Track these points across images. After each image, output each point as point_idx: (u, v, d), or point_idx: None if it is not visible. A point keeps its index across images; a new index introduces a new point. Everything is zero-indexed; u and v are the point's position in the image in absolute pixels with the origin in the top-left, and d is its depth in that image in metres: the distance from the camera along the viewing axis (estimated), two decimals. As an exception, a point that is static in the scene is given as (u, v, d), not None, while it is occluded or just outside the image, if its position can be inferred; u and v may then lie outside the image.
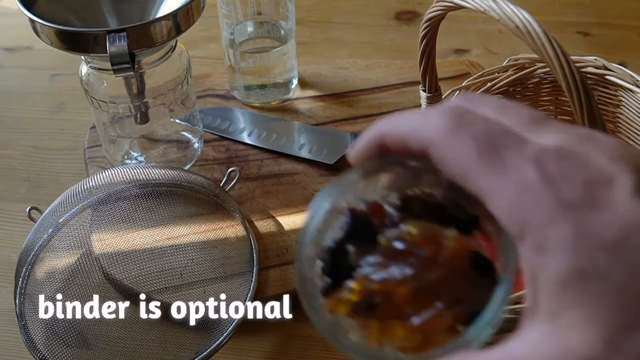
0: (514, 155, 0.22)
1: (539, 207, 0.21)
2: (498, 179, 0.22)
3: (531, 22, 0.39)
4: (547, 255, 0.21)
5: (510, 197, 0.21)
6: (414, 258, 0.24)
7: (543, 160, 0.21)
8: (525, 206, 0.21)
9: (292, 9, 0.77)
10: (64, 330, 0.58)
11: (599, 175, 0.21)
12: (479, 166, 0.22)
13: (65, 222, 0.63)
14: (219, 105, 0.82)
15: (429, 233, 0.24)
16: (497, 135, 0.22)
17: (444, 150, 0.23)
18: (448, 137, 0.23)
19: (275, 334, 0.61)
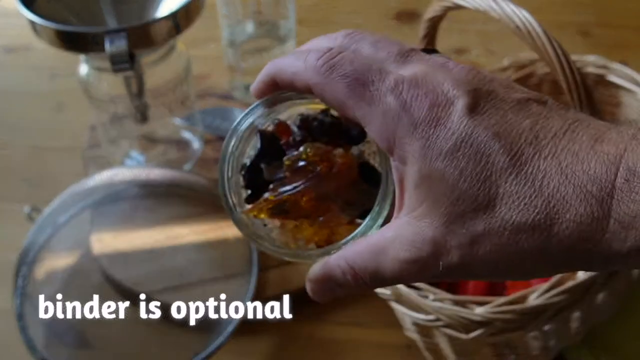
0: (377, 87, 0.27)
1: (399, 128, 0.26)
2: (368, 108, 0.27)
3: (531, 22, 0.39)
4: (406, 164, 0.26)
5: (378, 122, 0.27)
6: (312, 173, 0.30)
7: (399, 89, 0.26)
8: (389, 128, 0.26)
9: (292, 9, 0.77)
10: (63, 331, 0.58)
11: (442, 99, 0.26)
12: (351, 100, 0.27)
13: (65, 222, 0.63)
14: (219, 105, 0.82)
15: (322, 153, 0.30)
16: (363, 71, 0.27)
17: (322, 89, 0.28)
18: (322, 78, 0.28)
19: (275, 334, 0.61)
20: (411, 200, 0.27)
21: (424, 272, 0.26)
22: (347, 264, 0.28)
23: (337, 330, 0.61)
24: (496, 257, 0.25)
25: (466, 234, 0.25)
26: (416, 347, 0.56)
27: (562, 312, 0.45)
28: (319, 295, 0.30)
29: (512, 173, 0.24)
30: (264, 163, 0.31)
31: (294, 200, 0.30)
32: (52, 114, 0.86)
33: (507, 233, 0.24)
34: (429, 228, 0.26)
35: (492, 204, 0.24)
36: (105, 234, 0.65)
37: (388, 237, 0.27)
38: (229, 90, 0.84)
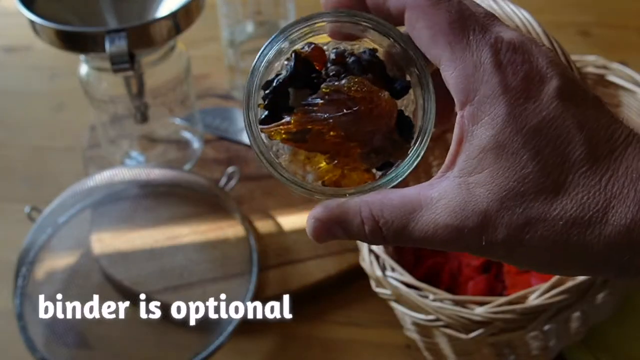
0: (476, 37, 0.26)
1: (485, 84, 0.25)
2: (458, 51, 0.26)
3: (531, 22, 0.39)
4: (478, 125, 0.25)
5: (464, 70, 0.25)
6: (348, 110, 0.28)
7: (498, 48, 0.25)
8: (474, 82, 0.25)
9: (292, 8, 0.77)
10: (63, 331, 0.58)
11: (537, 72, 0.25)
12: (445, 36, 0.26)
13: (65, 222, 0.63)
14: (219, 105, 0.82)
15: (367, 91, 0.28)
16: (468, 16, 0.26)
17: (421, 14, 0.26)
18: (428, 4, 0.26)
19: (275, 334, 0.61)
20: (470, 163, 0.25)
21: (460, 242, 0.25)
22: (371, 213, 0.27)
23: (337, 330, 0.61)
24: (542, 245, 0.24)
25: (521, 214, 0.24)
26: (416, 347, 0.56)
27: (562, 312, 0.45)
28: (319, 234, 0.28)
29: (584, 166, 0.24)
30: (292, 87, 0.29)
31: (318, 131, 0.28)
32: (52, 114, 0.86)
33: (562, 223, 0.24)
34: (484, 198, 0.25)
35: (557, 191, 0.24)
36: (105, 234, 0.65)
37: (429, 196, 0.26)
38: (229, 90, 0.84)
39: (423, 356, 0.57)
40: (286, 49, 0.29)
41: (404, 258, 0.57)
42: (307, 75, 0.29)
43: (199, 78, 0.85)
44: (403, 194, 0.27)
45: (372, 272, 0.51)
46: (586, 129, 0.25)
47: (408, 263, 0.56)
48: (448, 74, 0.26)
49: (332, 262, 0.63)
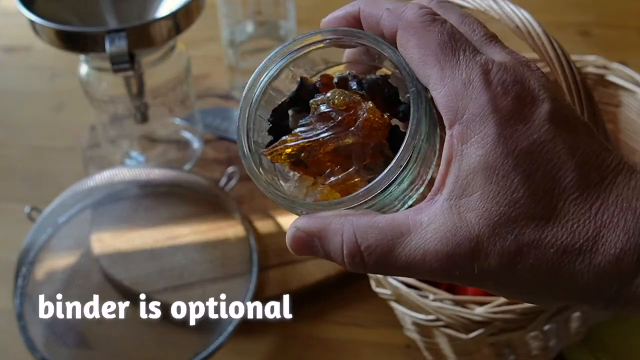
0: (467, 58, 0.25)
1: (475, 103, 0.24)
2: (449, 71, 0.25)
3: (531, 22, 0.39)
4: (467, 144, 0.25)
5: (453, 88, 0.25)
6: (335, 123, 0.27)
7: (488, 68, 0.25)
8: (463, 100, 0.25)
9: (292, 9, 0.77)
10: (63, 331, 0.58)
11: (529, 94, 0.25)
12: (435, 56, 0.26)
13: (65, 222, 0.63)
14: (219, 105, 0.82)
15: (350, 101, 0.28)
16: (459, 39, 0.26)
17: (412, 35, 0.26)
18: (420, 25, 0.26)
19: (275, 334, 0.61)
20: (459, 184, 0.25)
21: (451, 270, 0.25)
22: (354, 234, 0.26)
23: (337, 330, 0.61)
24: (533, 273, 0.24)
25: (513, 241, 0.24)
26: (416, 347, 0.56)
27: (562, 312, 0.45)
28: (298, 245, 0.27)
29: (575, 192, 0.24)
30: (292, 110, 0.29)
31: (311, 149, 0.28)
32: (52, 114, 0.86)
33: (553, 251, 0.24)
34: (474, 224, 0.24)
35: (548, 217, 0.24)
36: (105, 234, 0.65)
37: (418, 220, 0.25)
38: (229, 90, 0.84)
39: (423, 356, 0.57)
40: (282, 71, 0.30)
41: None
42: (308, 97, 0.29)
43: (199, 78, 0.85)
44: (391, 217, 0.26)
45: (372, 272, 0.51)
46: (578, 154, 0.24)
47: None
48: (437, 93, 0.26)
49: (332, 262, 0.63)
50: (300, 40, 0.29)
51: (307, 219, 0.27)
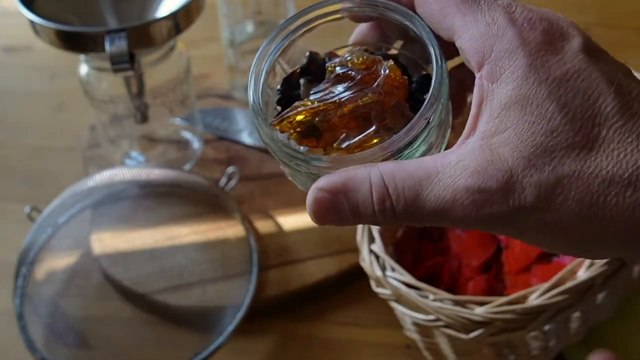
0: (488, 2, 0.25)
1: (502, 40, 0.24)
2: (471, 17, 0.25)
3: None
4: (497, 82, 0.24)
5: (477, 30, 0.24)
6: (354, 82, 0.26)
7: (512, 9, 0.24)
8: (488, 39, 0.24)
9: (292, 8, 0.77)
10: (63, 331, 0.58)
11: (558, 29, 0.24)
12: (456, 6, 0.25)
13: (65, 222, 0.63)
14: (219, 105, 0.82)
15: (369, 60, 0.27)
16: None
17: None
18: None
19: (275, 334, 0.61)
20: (491, 124, 0.23)
21: (483, 208, 0.23)
22: (382, 178, 0.24)
23: (337, 330, 0.61)
24: (577, 209, 0.22)
25: (552, 172, 0.22)
26: (416, 347, 0.56)
27: (562, 312, 0.45)
28: (323, 210, 0.25)
29: (618, 121, 0.22)
30: (304, 79, 0.28)
31: (326, 112, 0.26)
32: (52, 114, 0.86)
33: (598, 182, 0.22)
34: (508, 157, 0.22)
35: (590, 146, 0.22)
36: (105, 234, 0.65)
37: (447, 161, 0.23)
38: (229, 90, 0.84)
39: (423, 356, 0.57)
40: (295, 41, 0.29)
41: (404, 258, 0.57)
42: (319, 72, 0.28)
43: (199, 78, 0.85)
44: (419, 161, 0.24)
45: (372, 272, 0.51)
46: (616, 84, 0.23)
47: (408, 263, 0.56)
48: (461, 40, 0.25)
49: (332, 262, 0.63)
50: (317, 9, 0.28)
51: (328, 177, 0.25)
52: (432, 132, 0.25)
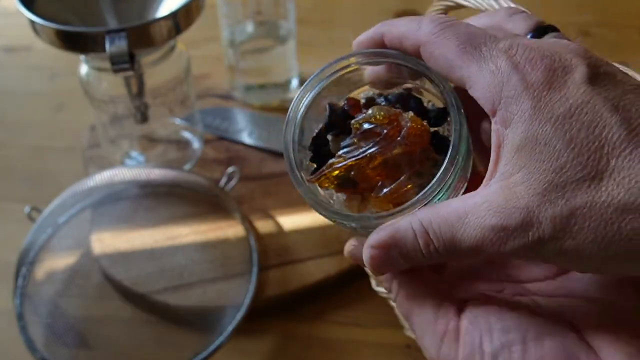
0: (489, 49, 0.26)
1: (507, 87, 0.25)
2: (476, 67, 0.26)
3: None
4: (509, 126, 0.25)
5: (485, 81, 0.26)
6: (380, 137, 0.29)
7: (513, 52, 0.26)
8: (496, 87, 0.25)
9: (292, 8, 0.77)
10: (63, 330, 0.58)
11: (560, 64, 0.25)
12: (460, 58, 0.27)
13: (65, 222, 0.63)
14: (219, 105, 0.82)
15: (391, 115, 0.29)
16: (476, 34, 0.27)
17: (433, 48, 0.28)
18: (436, 37, 0.27)
19: (275, 334, 0.61)
20: (508, 166, 0.25)
21: (508, 242, 0.24)
22: (422, 225, 0.26)
23: (337, 330, 0.61)
24: (592, 236, 0.23)
25: (565, 205, 0.23)
26: (416, 347, 0.56)
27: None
28: (379, 263, 0.28)
29: (626, 148, 0.23)
30: (331, 135, 0.30)
31: (359, 166, 0.29)
32: (52, 114, 0.86)
33: (612, 210, 0.23)
34: (524, 195, 0.24)
35: (600, 177, 0.23)
36: (105, 234, 0.65)
37: (473, 203, 0.25)
38: (229, 90, 0.84)
39: (423, 356, 0.56)
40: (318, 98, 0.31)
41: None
42: (343, 123, 0.30)
43: (199, 78, 0.85)
44: (449, 204, 0.26)
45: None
46: (621, 111, 0.23)
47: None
48: (473, 90, 0.26)
49: (332, 262, 0.63)
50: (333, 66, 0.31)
51: (375, 234, 0.28)
52: (456, 178, 0.28)
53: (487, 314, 0.27)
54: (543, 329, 0.26)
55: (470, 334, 0.27)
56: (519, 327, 0.26)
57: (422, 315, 0.28)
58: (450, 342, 0.27)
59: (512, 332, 0.26)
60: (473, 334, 0.27)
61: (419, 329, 0.28)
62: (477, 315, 0.27)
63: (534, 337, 0.26)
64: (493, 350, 0.26)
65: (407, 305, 0.29)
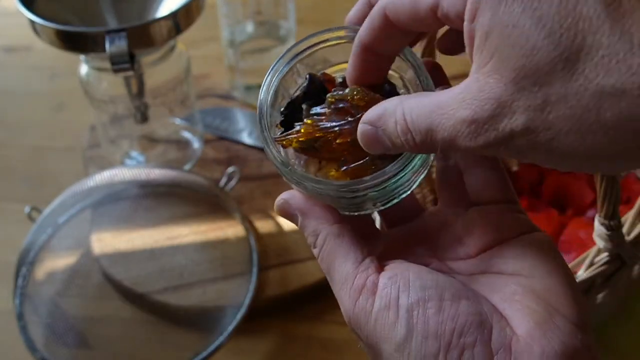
0: None
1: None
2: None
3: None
4: (477, 16, 0.23)
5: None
6: (352, 118, 0.29)
7: None
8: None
9: (292, 9, 0.77)
10: (63, 330, 0.58)
11: None
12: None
13: (65, 222, 0.63)
14: (219, 105, 0.82)
15: (369, 99, 0.29)
16: None
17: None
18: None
19: (275, 334, 0.61)
20: (481, 56, 0.23)
21: (479, 136, 0.23)
22: (402, 113, 0.26)
23: (337, 330, 0.61)
24: (569, 125, 0.21)
25: (538, 92, 0.21)
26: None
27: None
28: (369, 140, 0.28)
29: (605, 22, 0.20)
30: (306, 104, 0.31)
31: (326, 139, 0.29)
32: (52, 114, 0.86)
33: (589, 95, 0.20)
34: (496, 85, 0.22)
35: (575, 57, 0.21)
36: (105, 234, 0.65)
37: (452, 94, 0.24)
38: (229, 90, 0.84)
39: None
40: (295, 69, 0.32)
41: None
42: (318, 94, 0.31)
43: (199, 78, 0.85)
44: (433, 94, 0.26)
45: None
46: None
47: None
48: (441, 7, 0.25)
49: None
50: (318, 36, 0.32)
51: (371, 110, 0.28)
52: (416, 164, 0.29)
53: (407, 272, 0.27)
54: (460, 293, 0.27)
55: (387, 288, 0.27)
56: (436, 286, 0.27)
57: (343, 268, 0.28)
58: (367, 294, 0.27)
59: (429, 290, 0.26)
60: (390, 288, 0.27)
61: (338, 282, 0.28)
62: (397, 273, 0.27)
63: (451, 297, 0.26)
64: (409, 304, 0.26)
65: (330, 259, 0.29)
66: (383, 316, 0.26)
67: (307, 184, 0.29)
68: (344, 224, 0.30)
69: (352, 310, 0.28)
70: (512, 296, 0.27)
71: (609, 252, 0.44)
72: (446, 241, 0.31)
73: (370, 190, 0.29)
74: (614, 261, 0.44)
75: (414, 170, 0.29)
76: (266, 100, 0.31)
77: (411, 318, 0.26)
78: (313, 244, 0.30)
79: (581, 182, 0.62)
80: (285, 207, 0.31)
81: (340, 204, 0.30)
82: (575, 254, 0.56)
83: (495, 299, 0.27)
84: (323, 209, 0.30)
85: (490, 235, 0.30)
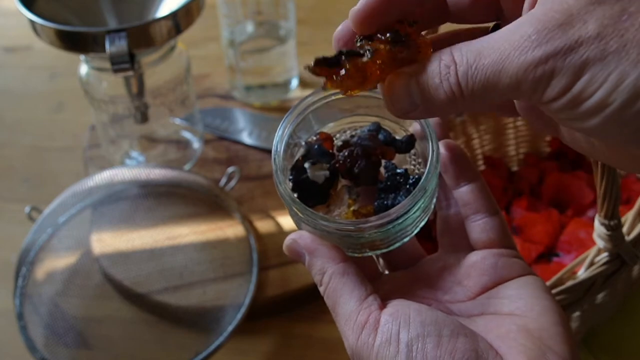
0: None
1: None
2: None
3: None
4: None
5: None
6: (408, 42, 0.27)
7: None
8: None
9: (292, 9, 0.77)
10: (63, 330, 0.58)
11: None
12: None
13: (65, 222, 0.63)
14: (219, 105, 0.82)
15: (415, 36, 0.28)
16: None
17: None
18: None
19: (275, 334, 0.61)
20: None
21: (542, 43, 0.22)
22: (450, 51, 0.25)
23: (337, 330, 0.61)
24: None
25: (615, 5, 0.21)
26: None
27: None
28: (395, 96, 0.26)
29: None
30: (308, 163, 0.33)
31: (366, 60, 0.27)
32: (52, 114, 0.86)
33: None
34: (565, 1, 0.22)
35: None
36: (105, 234, 0.65)
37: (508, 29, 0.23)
38: (229, 90, 0.84)
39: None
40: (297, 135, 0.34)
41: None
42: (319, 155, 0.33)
43: (199, 78, 0.85)
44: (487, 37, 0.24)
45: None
46: None
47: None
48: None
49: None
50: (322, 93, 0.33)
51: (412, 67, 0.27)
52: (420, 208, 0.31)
53: (408, 309, 0.29)
54: (458, 330, 0.28)
55: (389, 324, 0.28)
56: (435, 323, 0.28)
57: (347, 305, 0.30)
58: (370, 330, 0.29)
59: (428, 326, 0.28)
60: (392, 324, 0.28)
61: (342, 318, 0.30)
62: (398, 310, 0.29)
63: (449, 334, 0.27)
64: (409, 338, 0.27)
65: (335, 296, 0.30)
66: (384, 350, 0.28)
67: (316, 221, 0.31)
68: (349, 263, 0.31)
69: (355, 344, 0.29)
70: (507, 334, 0.29)
71: (609, 252, 0.44)
72: (446, 284, 0.33)
73: (375, 230, 0.30)
74: (614, 261, 0.44)
75: (417, 215, 0.31)
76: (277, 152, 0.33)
77: (411, 352, 0.27)
78: (319, 282, 0.31)
79: (581, 182, 0.62)
80: (293, 246, 0.32)
81: (345, 243, 0.32)
82: (576, 254, 0.56)
83: (491, 337, 0.29)
84: (329, 249, 0.31)
85: (488, 279, 0.32)
